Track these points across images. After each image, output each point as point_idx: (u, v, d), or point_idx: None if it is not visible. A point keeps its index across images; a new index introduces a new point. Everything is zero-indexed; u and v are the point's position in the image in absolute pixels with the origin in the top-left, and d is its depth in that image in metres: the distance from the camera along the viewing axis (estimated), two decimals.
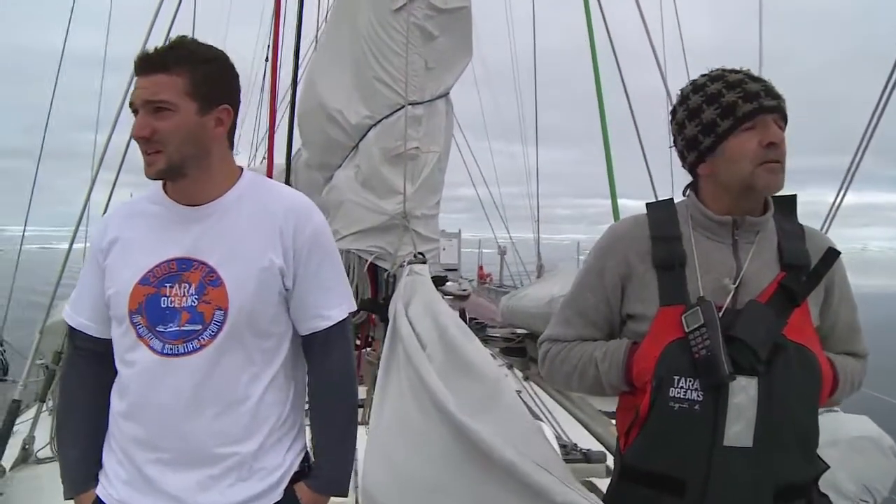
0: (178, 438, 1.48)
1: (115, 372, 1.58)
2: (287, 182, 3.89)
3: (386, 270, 3.40)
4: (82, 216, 3.68)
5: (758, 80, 1.55)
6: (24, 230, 6.98)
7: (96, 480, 1.58)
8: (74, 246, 3.58)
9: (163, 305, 1.49)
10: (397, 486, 1.57)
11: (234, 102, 1.56)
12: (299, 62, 4.12)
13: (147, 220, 1.57)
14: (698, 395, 1.45)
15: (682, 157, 1.65)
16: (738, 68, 1.59)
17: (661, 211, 1.66)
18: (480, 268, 18.20)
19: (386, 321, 3.22)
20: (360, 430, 1.73)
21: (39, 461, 3.46)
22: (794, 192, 1.64)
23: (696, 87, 1.60)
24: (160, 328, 1.49)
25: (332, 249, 1.66)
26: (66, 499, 1.62)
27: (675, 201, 1.67)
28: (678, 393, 1.46)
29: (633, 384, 1.57)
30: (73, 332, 1.67)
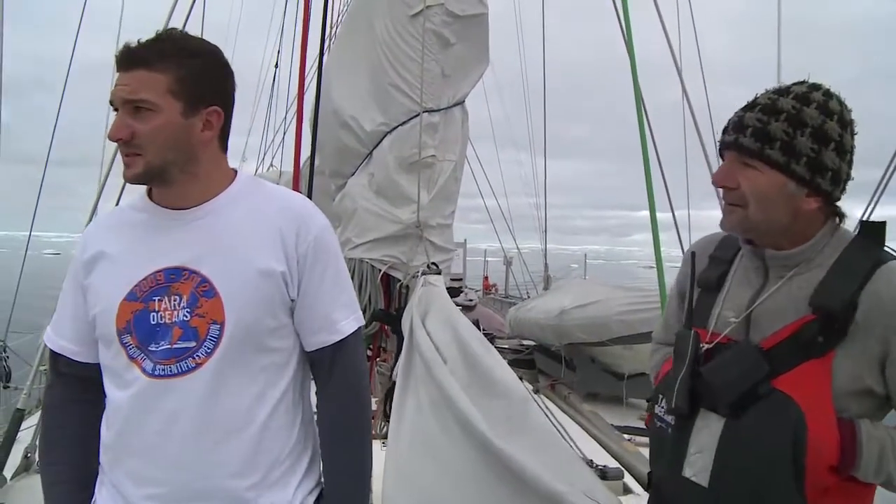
0: (172, 470, 1.33)
1: (104, 399, 1.43)
2: (309, 188, 3.85)
3: (399, 280, 3.34)
4: (90, 222, 3.63)
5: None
6: (30, 234, 6.97)
7: None
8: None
9: (153, 322, 1.34)
10: None
11: (226, 103, 1.41)
12: (307, 69, 4.07)
13: (132, 229, 1.43)
14: (671, 419, 1.48)
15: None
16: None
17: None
18: (486, 278, 18.09)
19: (398, 333, 3.15)
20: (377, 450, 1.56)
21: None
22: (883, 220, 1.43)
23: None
24: (152, 347, 1.34)
25: (338, 255, 1.50)
26: None
27: None
28: (660, 412, 1.52)
29: None
30: (54, 356, 1.50)
